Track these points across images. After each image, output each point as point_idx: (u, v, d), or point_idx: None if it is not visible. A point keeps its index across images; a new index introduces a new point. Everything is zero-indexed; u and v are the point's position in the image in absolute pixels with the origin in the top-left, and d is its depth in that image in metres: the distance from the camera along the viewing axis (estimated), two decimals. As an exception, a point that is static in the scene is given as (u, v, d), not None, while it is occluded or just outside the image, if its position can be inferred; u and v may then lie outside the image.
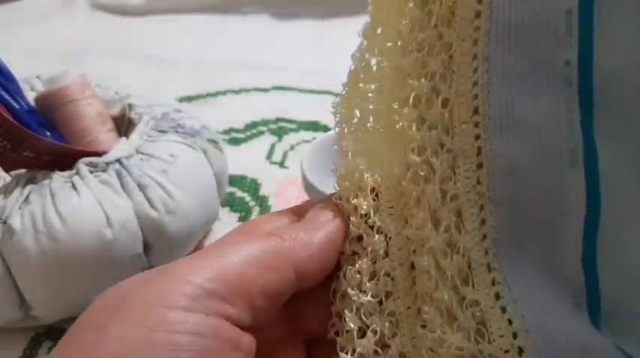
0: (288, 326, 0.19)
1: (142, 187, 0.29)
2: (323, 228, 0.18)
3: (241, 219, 0.37)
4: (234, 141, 0.45)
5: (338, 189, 0.19)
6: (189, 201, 0.30)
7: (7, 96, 0.30)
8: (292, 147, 0.44)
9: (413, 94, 0.18)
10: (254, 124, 0.46)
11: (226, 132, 0.46)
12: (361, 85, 0.20)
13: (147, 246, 0.29)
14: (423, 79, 0.18)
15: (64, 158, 0.30)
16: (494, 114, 0.18)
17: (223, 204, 0.38)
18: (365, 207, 0.19)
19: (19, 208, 0.27)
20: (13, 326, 0.29)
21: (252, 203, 0.38)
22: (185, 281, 0.15)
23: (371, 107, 0.20)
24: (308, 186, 0.31)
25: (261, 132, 0.45)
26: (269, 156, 0.43)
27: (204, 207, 0.32)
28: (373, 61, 0.20)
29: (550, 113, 0.18)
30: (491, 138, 0.18)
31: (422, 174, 0.18)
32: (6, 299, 0.28)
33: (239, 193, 0.39)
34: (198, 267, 0.16)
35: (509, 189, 0.18)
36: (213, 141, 0.35)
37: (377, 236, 0.18)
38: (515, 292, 0.17)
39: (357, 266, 0.18)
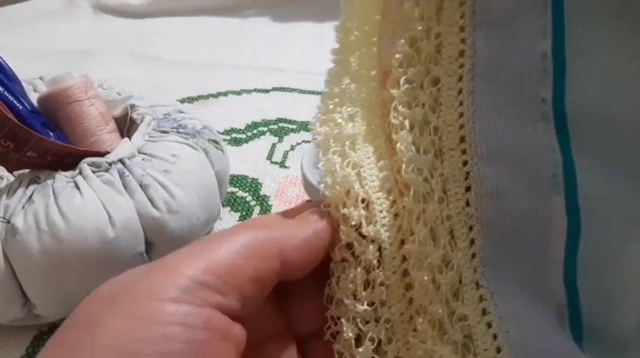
0: (280, 322, 0.19)
1: (144, 187, 0.29)
2: (311, 225, 0.19)
3: (242, 218, 0.37)
4: (236, 142, 0.45)
5: (326, 198, 0.20)
6: (191, 201, 0.31)
7: (10, 97, 0.30)
8: (292, 148, 0.44)
9: (407, 121, 0.20)
10: (255, 125, 0.47)
11: (227, 132, 0.46)
12: (338, 108, 0.22)
13: (149, 245, 0.30)
14: (415, 107, 0.20)
15: (67, 158, 0.30)
16: (481, 142, 0.19)
17: (224, 204, 0.38)
18: (355, 217, 0.19)
19: (23, 208, 0.28)
20: (16, 325, 0.30)
21: (252, 203, 0.39)
22: (177, 273, 0.15)
23: (352, 127, 0.22)
24: (308, 186, 0.32)
25: (262, 133, 0.46)
26: (270, 156, 0.43)
27: (206, 206, 0.32)
28: (346, 86, 0.23)
29: (532, 143, 0.19)
30: (479, 163, 0.19)
31: (422, 191, 0.19)
32: (9, 298, 0.28)
33: (240, 193, 0.39)
34: (189, 259, 0.16)
35: (496, 211, 0.19)
36: (215, 142, 0.35)
37: (371, 246, 0.19)
38: (502, 309, 0.18)
39: (350, 275, 0.19)
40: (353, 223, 0.19)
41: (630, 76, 0.19)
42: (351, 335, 0.18)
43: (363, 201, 0.20)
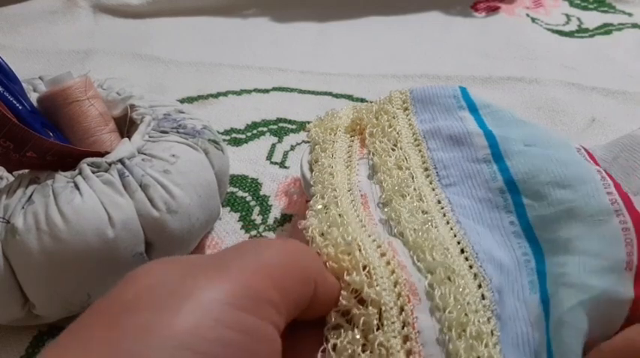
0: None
1: (143, 187, 0.29)
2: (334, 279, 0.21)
3: (242, 218, 0.37)
4: (235, 142, 0.45)
5: (329, 266, 0.21)
6: (191, 201, 0.31)
7: (10, 97, 0.30)
8: (292, 148, 0.44)
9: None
10: (255, 125, 0.47)
11: (227, 132, 0.46)
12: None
13: (148, 245, 0.30)
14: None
15: (67, 158, 0.30)
16: (479, 254, 0.24)
17: (224, 204, 0.38)
18: (357, 281, 0.20)
19: (22, 208, 0.28)
20: (16, 325, 0.30)
21: (252, 203, 0.39)
22: (245, 283, 0.16)
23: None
24: (308, 186, 0.32)
25: (262, 133, 0.46)
26: (269, 156, 0.43)
27: (206, 206, 0.32)
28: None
29: (510, 258, 0.25)
30: (484, 266, 0.23)
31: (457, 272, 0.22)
32: (9, 298, 0.28)
33: (240, 193, 0.39)
34: (255, 269, 0.16)
35: (500, 307, 0.22)
36: (215, 142, 0.35)
37: (370, 308, 0.20)
38: None
39: (349, 336, 0.19)
40: (355, 288, 0.20)
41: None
42: None
43: (364, 268, 0.21)
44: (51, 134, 0.32)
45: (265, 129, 0.46)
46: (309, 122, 0.36)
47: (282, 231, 0.36)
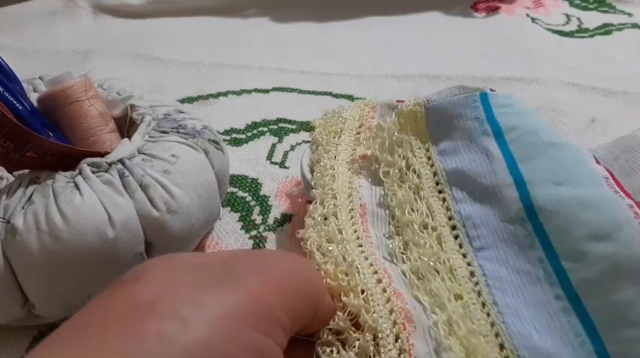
0: None
1: (143, 187, 0.29)
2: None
3: (242, 218, 0.37)
4: (235, 142, 0.45)
5: (326, 284, 0.21)
6: (191, 201, 0.31)
7: (10, 97, 0.30)
8: (292, 148, 0.44)
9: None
10: (255, 125, 0.47)
11: (227, 132, 0.46)
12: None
13: (148, 245, 0.30)
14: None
15: (67, 158, 0.30)
16: (519, 350, 0.22)
17: (224, 204, 0.38)
18: (356, 305, 0.20)
19: (23, 208, 0.28)
20: (16, 325, 0.30)
21: (252, 203, 0.39)
22: (259, 302, 0.16)
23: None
24: (307, 186, 0.32)
25: (262, 133, 0.46)
26: (269, 156, 0.43)
27: (206, 206, 0.32)
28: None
29: (562, 343, 0.22)
30: (507, 321, 0.23)
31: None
32: (9, 298, 0.28)
33: (240, 193, 0.39)
34: (268, 286, 0.16)
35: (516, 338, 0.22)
36: (215, 142, 0.35)
37: (367, 334, 0.20)
38: None
39: (343, 357, 0.19)
40: (351, 310, 0.20)
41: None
42: None
43: (362, 292, 0.21)
44: (51, 134, 0.32)
45: (265, 129, 0.46)
46: (309, 122, 0.36)
47: (282, 231, 0.36)
